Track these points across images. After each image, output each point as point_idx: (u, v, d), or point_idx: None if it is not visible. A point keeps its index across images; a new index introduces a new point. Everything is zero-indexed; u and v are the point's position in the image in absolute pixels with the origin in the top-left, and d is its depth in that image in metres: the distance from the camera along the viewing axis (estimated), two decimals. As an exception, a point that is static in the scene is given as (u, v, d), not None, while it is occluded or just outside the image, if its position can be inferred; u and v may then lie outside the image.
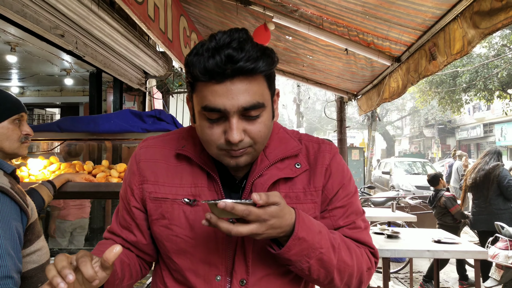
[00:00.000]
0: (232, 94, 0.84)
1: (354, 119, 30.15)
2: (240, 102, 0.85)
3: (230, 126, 0.86)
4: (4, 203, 1.27)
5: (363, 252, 1.01)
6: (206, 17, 4.87)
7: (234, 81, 0.84)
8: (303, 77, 6.07)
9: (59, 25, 2.81)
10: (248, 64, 0.83)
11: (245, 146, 0.90)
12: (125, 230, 1.08)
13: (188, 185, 0.99)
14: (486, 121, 26.16)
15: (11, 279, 1.20)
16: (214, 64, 0.82)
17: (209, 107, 0.86)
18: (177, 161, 1.03)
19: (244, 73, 0.84)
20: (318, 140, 1.09)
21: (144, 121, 2.09)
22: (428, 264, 6.22)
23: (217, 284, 0.96)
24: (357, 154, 14.10)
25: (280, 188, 0.99)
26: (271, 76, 0.93)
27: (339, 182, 1.03)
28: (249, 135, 0.89)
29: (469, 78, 14.44)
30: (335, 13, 3.57)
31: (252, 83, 0.86)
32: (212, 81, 0.84)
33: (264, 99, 0.90)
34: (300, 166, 1.01)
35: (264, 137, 0.92)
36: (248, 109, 0.86)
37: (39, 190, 1.84)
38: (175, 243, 0.98)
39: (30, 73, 5.21)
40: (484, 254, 2.95)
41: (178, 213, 0.98)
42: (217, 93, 0.84)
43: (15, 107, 1.53)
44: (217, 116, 0.87)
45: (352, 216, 1.03)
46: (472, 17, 2.56)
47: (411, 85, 3.88)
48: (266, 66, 0.86)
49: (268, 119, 0.93)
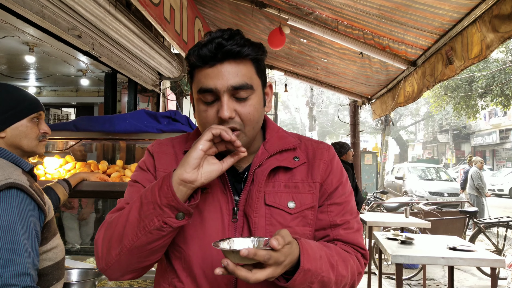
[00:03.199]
0: (222, 75, 0.95)
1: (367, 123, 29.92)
2: (229, 82, 0.95)
3: (222, 104, 0.96)
4: (23, 201, 1.29)
5: (354, 258, 1.06)
6: (221, 19, 4.89)
7: (224, 64, 0.96)
8: (317, 80, 6.05)
9: (76, 26, 2.85)
10: (235, 47, 0.94)
11: (236, 126, 0.97)
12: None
13: None
14: (503, 127, 25.72)
15: (29, 276, 1.21)
16: (206, 50, 0.95)
17: (203, 89, 0.97)
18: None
19: (232, 57, 0.95)
20: (316, 140, 1.18)
21: (159, 121, 2.10)
22: (441, 271, 6.13)
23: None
24: (370, 159, 14.00)
25: (279, 178, 1.06)
26: (260, 64, 1.03)
27: (338, 179, 1.11)
28: (240, 116, 0.97)
29: (486, 83, 14.22)
30: (351, 16, 3.55)
31: (240, 66, 0.97)
32: (205, 66, 0.96)
33: (253, 83, 0.99)
34: (299, 159, 1.09)
35: (254, 120, 1.00)
36: (237, 88, 0.96)
37: (55, 188, 1.86)
38: (182, 229, 1.02)
39: (47, 73, 5.28)
40: (501, 262, 2.89)
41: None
42: (209, 76, 0.96)
43: (34, 105, 1.55)
44: (211, 98, 0.97)
45: (347, 215, 1.09)
46: (492, 21, 2.52)
47: (426, 89, 3.84)
48: (252, 51, 0.97)
49: (258, 103, 1.01)
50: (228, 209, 1.03)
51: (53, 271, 1.43)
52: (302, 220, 1.05)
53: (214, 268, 0.97)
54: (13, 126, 1.46)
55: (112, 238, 0.96)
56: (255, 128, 1.02)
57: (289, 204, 1.04)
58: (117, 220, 0.97)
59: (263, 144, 1.09)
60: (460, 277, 5.87)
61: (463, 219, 6.43)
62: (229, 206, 1.03)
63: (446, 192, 13.26)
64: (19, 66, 4.97)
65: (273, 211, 1.03)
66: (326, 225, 1.08)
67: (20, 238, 1.23)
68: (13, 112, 1.46)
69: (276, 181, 1.05)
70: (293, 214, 1.03)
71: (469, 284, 5.65)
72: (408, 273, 5.68)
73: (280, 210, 1.03)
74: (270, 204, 1.03)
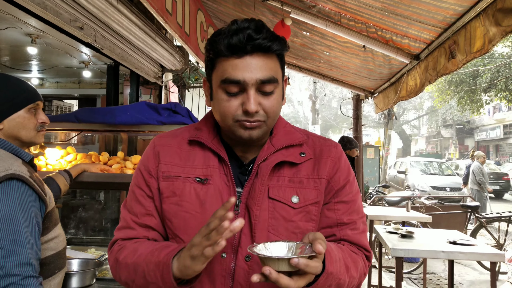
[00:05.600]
0: (251, 68, 0.95)
1: (370, 117, 29.83)
2: (258, 75, 0.95)
3: (248, 97, 0.96)
4: (24, 192, 1.30)
5: (361, 260, 1.07)
6: (223, 12, 4.87)
7: (253, 57, 0.95)
8: (320, 74, 6.03)
9: (78, 18, 2.84)
10: (265, 42, 0.95)
11: (260, 119, 0.98)
12: (146, 216, 1.08)
13: (199, 166, 1.06)
14: (507, 122, 25.58)
15: (31, 266, 1.23)
16: (237, 40, 0.94)
17: (229, 80, 0.96)
18: (190, 147, 1.10)
19: (261, 50, 0.96)
20: (324, 137, 1.17)
21: (159, 113, 2.10)
22: (442, 265, 6.15)
23: (223, 261, 1.00)
24: (373, 153, 13.97)
25: (284, 172, 1.06)
26: (283, 59, 1.05)
27: (346, 177, 1.10)
28: (264, 109, 0.98)
29: (490, 78, 14.12)
30: (354, 9, 3.52)
31: (268, 60, 0.97)
32: (233, 56, 0.95)
33: (278, 77, 1.01)
34: (305, 155, 1.09)
35: (275, 113, 1.01)
36: (265, 82, 0.96)
37: (56, 179, 1.88)
38: (183, 219, 1.03)
39: (49, 65, 5.29)
40: (501, 257, 2.89)
41: (189, 190, 1.04)
42: (237, 67, 0.95)
43: (31, 96, 1.54)
44: (236, 89, 0.96)
45: (354, 215, 1.09)
46: (495, 15, 2.50)
47: (429, 83, 3.82)
48: (279, 46, 0.98)
49: (279, 97, 1.03)
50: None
51: (55, 260, 1.44)
52: (305, 215, 1.04)
53: (213, 259, 0.97)
54: (11, 117, 1.46)
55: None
56: (275, 119, 1.04)
57: (293, 198, 1.04)
58: (127, 269, 1.01)
59: (270, 138, 1.10)
60: (461, 271, 5.88)
61: (464, 213, 6.43)
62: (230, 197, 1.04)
63: (449, 187, 13.25)
64: (22, 58, 4.98)
65: (276, 205, 1.03)
66: (333, 223, 1.08)
67: (21, 229, 1.24)
68: (10, 103, 1.46)
69: (281, 175, 1.05)
70: (296, 208, 1.03)
71: (469, 278, 5.67)
72: (409, 266, 5.70)
73: (283, 204, 1.03)
74: (273, 197, 1.03)
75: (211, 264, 0.99)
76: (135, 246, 1.03)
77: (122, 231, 1.10)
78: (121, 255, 1.03)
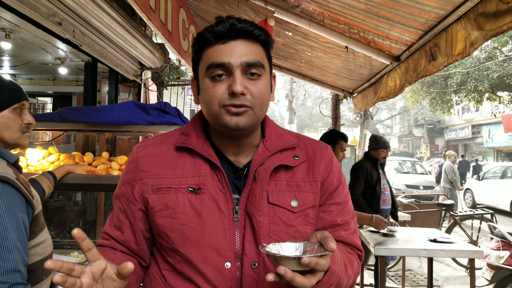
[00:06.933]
0: (235, 52, 0.97)
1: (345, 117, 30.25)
2: (243, 58, 0.96)
3: (234, 79, 0.95)
4: (10, 195, 1.24)
5: (355, 259, 1.09)
6: (205, 10, 4.81)
7: (237, 42, 0.98)
8: (300, 73, 6.05)
9: (57, 13, 2.74)
10: (248, 26, 0.98)
11: (246, 104, 0.96)
12: (116, 230, 1.08)
13: (190, 175, 1.02)
14: (475, 122, 26.51)
15: (19, 273, 1.17)
16: (221, 27, 0.97)
17: (214, 63, 0.96)
18: (178, 153, 1.05)
19: (245, 36, 0.98)
20: (314, 139, 1.17)
21: (148, 113, 2.04)
22: (417, 262, 6.30)
23: (227, 271, 0.97)
24: (349, 152, 14.16)
25: (281, 176, 1.04)
26: (268, 50, 1.05)
27: (338, 179, 1.11)
28: (250, 93, 0.97)
29: (461, 79, 14.58)
30: (337, 10, 3.55)
31: (252, 46, 0.99)
32: (218, 42, 0.98)
33: (265, 64, 1.01)
34: (299, 158, 1.08)
35: (263, 100, 1.00)
36: (250, 65, 0.97)
37: (40, 181, 1.80)
38: (181, 232, 0.99)
39: (23, 61, 5.10)
40: (480, 253, 2.98)
41: (183, 201, 0.99)
42: (222, 52, 0.97)
43: (16, 95, 1.47)
44: (221, 72, 0.96)
45: (347, 216, 1.11)
46: (477, 19, 2.56)
47: (408, 84, 3.89)
48: (262, 34, 1.00)
49: (267, 85, 1.02)
50: (228, 208, 1.00)
51: (42, 266, 1.38)
52: (304, 219, 1.04)
53: (216, 270, 0.96)
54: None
55: None
56: (263, 109, 1.02)
57: (292, 202, 1.03)
58: None
59: (263, 141, 1.08)
60: (436, 268, 6.03)
61: (439, 211, 6.62)
62: (228, 205, 1.00)
63: (422, 185, 13.60)
64: (-7, 53, 4.78)
65: (276, 210, 1.01)
66: (327, 225, 1.08)
67: (8, 234, 1.18)
68: None
69: (278, 179, 1.04)
70: (296, 212, 1.02)
71: (444, 275, 5.83)
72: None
73: (283, 209, 1.02)
74: (273, 202, 1.01)
75: (215, 276, 0.97)
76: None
77: (102, 238, 1.12)
78: None
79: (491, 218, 6.24)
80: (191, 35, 4.67)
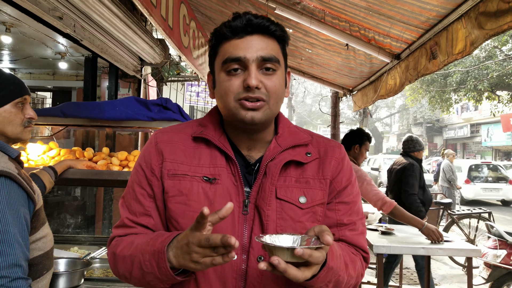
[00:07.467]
0: (251, 47, 0.98)
1: (344, 115, 30.29)
2: (259, 53, 0.98)
3: (249, 73, 0.97)
4: (12, 189, 1.24)
5: (358, 260, 1.08)
6: (206, 6, 4.80)
7: (253, 37, 0.99)
8: (300, 71, 6.05)
9: (58, 7, 2.74)
10: (264, 22, 1.00)
11: (261, 98, 0.98)
12: (144, 216, 1.06)
13: (206, 165, 1.04)
14: (473, 121, 26.52)
15: (20, 268, 1.17)
16: (238, 22, 0.99)
17: (230, 58, 0.98)
18: (195, 144, 1.07)
19: (261, 31, 1.00)
20: (327, 138, 1.18)
21: (149, 109, 2.04)
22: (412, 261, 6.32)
23: (233, 263, 0.98)
24: (347, 150, 14.16)
25: (291, 172, 1.05)
26: (284, 46, 1.07)
27: (348, 178, 1.11)
28: (265, 87, 0.99)
29: (460, 78, 14.59)
30: (338, 8, 3.55)
31: (268, 41, 1.01)
32: (235, 37, 1.00)
33: (280, 59, 1.03)
34: (311, 155, 1.08)
35: (278, 95, 1.02)
36: (266, 60, 0.98)
37: (41, 176, 1.80)
38: (192, 219, 0.97)
39: (23, 55, 5.08)
40: (478, 252, 3.00)
41: (197, 190, 1.01)
42: (238, 46, 0.99)
43: (18, 89, 1.47)
44: (237, 66, 0.98)
45: (354, 216, 1.10)
46: (477, 18, 2.56)
47: (408, 83, 3.89)
48: (279, 30, 1.02)
49: (282, 80, 1.03)
50: (239, 201, 1.02)
51: (43, 261, 1.38)
52: (312, 216, 1.04)
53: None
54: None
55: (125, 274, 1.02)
56: (277, 104, 1.03)
57: (301, 199, 1.03)
58: (124, 262, 1.01)
59: (275, 138, 1.09)
60: (433, 266, 6.06)
61: (437, 210, 6.64)
62: (239, 198, 1.02)
63: (420, 184, 13.56)
64: (-7, 47, 4.77)
65: (284, 205, 1.02)
66: (333, 224, 1.08)
67: (10, 228, 1.18)
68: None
69: (287, 175, 1.05)
70: (304, 209, 1.03)
71: (441, 273, 5.86)
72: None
73: (291, 205, 1.02)
74: (281, 198, 1.02)
75: (221, 267, 0.97)
76: (131, 239, 1.02)
77: (120, 229, 1.08)
78: (118, 248, 1.02)
79: (489, 217, 6.27)
80: (191, 31, 4.66)
